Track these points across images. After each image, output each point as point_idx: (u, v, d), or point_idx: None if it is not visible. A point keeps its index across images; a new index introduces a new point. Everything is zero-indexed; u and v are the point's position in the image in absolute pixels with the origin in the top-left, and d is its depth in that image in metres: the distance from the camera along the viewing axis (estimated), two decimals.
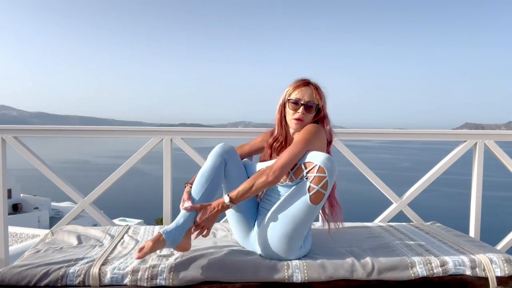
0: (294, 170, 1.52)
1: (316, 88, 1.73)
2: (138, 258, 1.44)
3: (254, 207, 1.74)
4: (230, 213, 1.72)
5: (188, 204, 1.55)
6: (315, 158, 1.49)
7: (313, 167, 1.47)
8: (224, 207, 1.54)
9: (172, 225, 1.51)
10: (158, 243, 1.46)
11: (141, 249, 1.44)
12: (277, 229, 1.54)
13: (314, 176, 1.47)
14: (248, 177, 1.75)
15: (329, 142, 1.74)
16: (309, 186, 1.47)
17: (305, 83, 1.74)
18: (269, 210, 1.66)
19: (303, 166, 1.50)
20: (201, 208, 1.54)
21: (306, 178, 1.49)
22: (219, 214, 1.56)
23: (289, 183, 1.56)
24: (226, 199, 1.53)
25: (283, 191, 1.63)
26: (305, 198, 1.48)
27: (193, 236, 1.55)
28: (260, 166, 1.72)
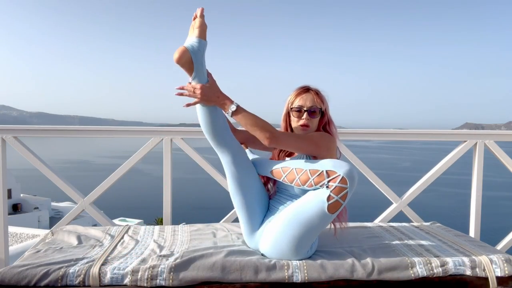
0: (315, 176, 1.48)
1: (317, 93, 1.76)
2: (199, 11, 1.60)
3: (264, 204, 1.73)
4: (240, 206, 1.70)
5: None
6: (339, 167, 1.46)
7: (336, 176, 1.44)
8: (225, 104, 1.56)
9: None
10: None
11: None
12: (287, 231, 1.52)
13: (336, 186, 1.44)
14: (258, 174, 1.76)
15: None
16: (329, 195, 1.45)
17: (305, 89, 1.77)
18: (279, 208, 1.66)
19: (325, 174, 1.46)
20: (213, 81, 1.59)
21: (327, 187, 1.46)
22: (214, 103, 1.57)
23: (307, 188, 1.53)
24: (234, 103, 1.55)
25: (299, 194, 1.62)
26: (323, 206, 1.45)
27: (181, 91, 1.59)
28: (278, 162, 1.69)
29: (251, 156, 1.92)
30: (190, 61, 1.55)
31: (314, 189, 1.51)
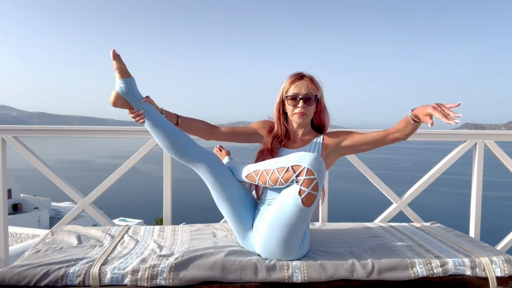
0: (283, 174, 1.48)
1: (311, 79, 1.75)
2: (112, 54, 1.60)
3: (250, 207, 1.73)
4: (227, 214, 1.70)
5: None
6: (303, 160, 1.45)
7: (302, 170, 1.44)
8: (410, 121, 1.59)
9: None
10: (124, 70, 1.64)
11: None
12: (273, 234, 1.52)
13: (304, 179, 1.43)
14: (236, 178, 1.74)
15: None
16: (300, 189, 1.44)
17: (299, 76, 1.75)
18: (264, 210, 1.65)
19: (291, 170, 1.46)
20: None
21: (297, 182, 1.45)
22: None
23: (279, 186, 1.53)
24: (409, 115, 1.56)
25: (276, 194, 1.62)
26: (297, 202, 1.45)
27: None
28: (250, 167, 1.67)
29: (229, 163, 1.89)
30: (125, 101, 1.64)
31: (286, 187, 1.50)
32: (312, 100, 1.72)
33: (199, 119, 1.84)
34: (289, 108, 1.75)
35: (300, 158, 1.46)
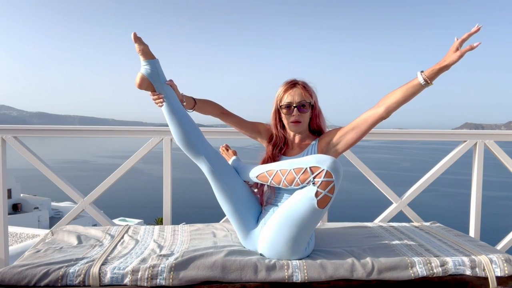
0: (300, 174, 1.48)
1: (304, 86, 1.75)
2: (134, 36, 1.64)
3: (253, 206, 1.73)
4: (229, 214, 1.71)
5: None
6: (322, 162, 1.45)
7: (320, 171, 1.44)
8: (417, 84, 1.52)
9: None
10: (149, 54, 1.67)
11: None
12: (283, 233, 1.52)
13: (322, 181, 1.43)
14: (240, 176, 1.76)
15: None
16: (317, 191, 1.44)
17: (292, 84, 1.76)
18: (274, 211, 1.66)
19: (309, 170, 1.46)
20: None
21: (314, 183, 1.45)
22: None
23: (295, 187, 1.53)
24: (420, 78, 1.48)
25: (288, 194, 1.62)
26: (313, 203, 1.45)
27: None
28: (262, 167, 1.69)
29: (235, 163, 1.90)
30: (150, 83, 1.67)
31: (301, 187, 1.50)
32: (306, 107, 1.73)
33: (213, 103, 1.87)
34: (284, 116, 1.76)
35: (319, 160, 1.46)
